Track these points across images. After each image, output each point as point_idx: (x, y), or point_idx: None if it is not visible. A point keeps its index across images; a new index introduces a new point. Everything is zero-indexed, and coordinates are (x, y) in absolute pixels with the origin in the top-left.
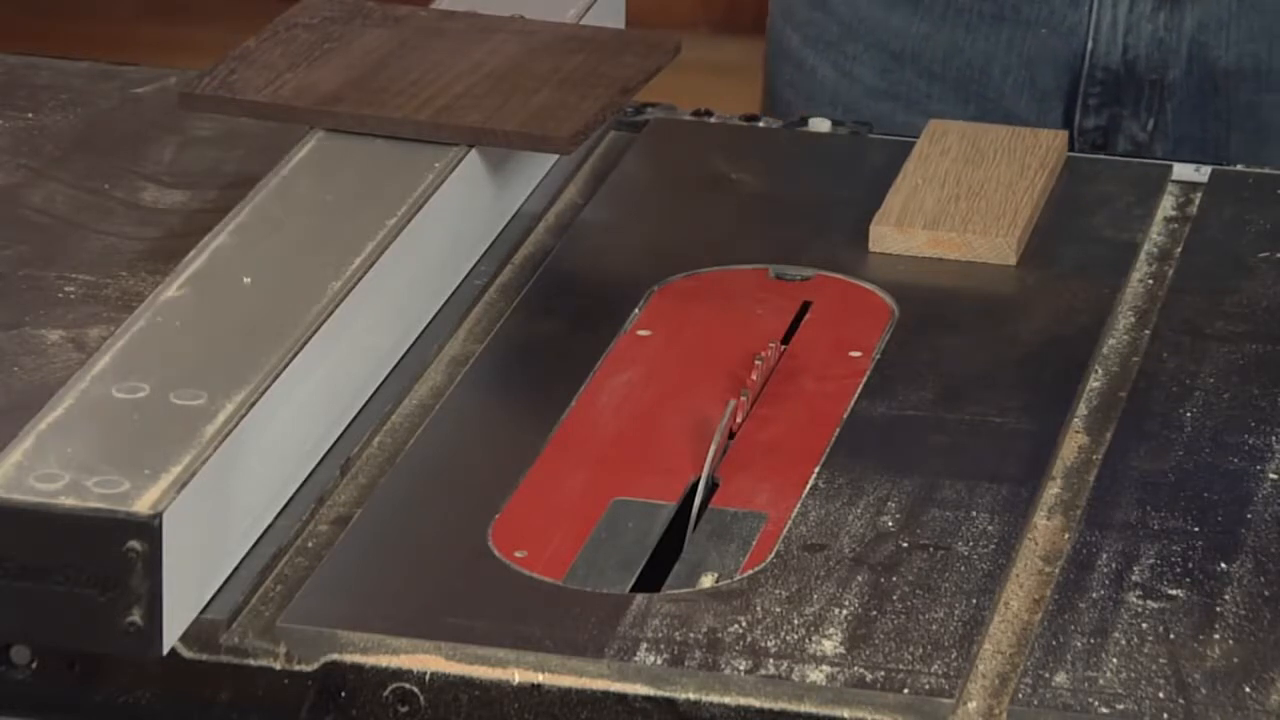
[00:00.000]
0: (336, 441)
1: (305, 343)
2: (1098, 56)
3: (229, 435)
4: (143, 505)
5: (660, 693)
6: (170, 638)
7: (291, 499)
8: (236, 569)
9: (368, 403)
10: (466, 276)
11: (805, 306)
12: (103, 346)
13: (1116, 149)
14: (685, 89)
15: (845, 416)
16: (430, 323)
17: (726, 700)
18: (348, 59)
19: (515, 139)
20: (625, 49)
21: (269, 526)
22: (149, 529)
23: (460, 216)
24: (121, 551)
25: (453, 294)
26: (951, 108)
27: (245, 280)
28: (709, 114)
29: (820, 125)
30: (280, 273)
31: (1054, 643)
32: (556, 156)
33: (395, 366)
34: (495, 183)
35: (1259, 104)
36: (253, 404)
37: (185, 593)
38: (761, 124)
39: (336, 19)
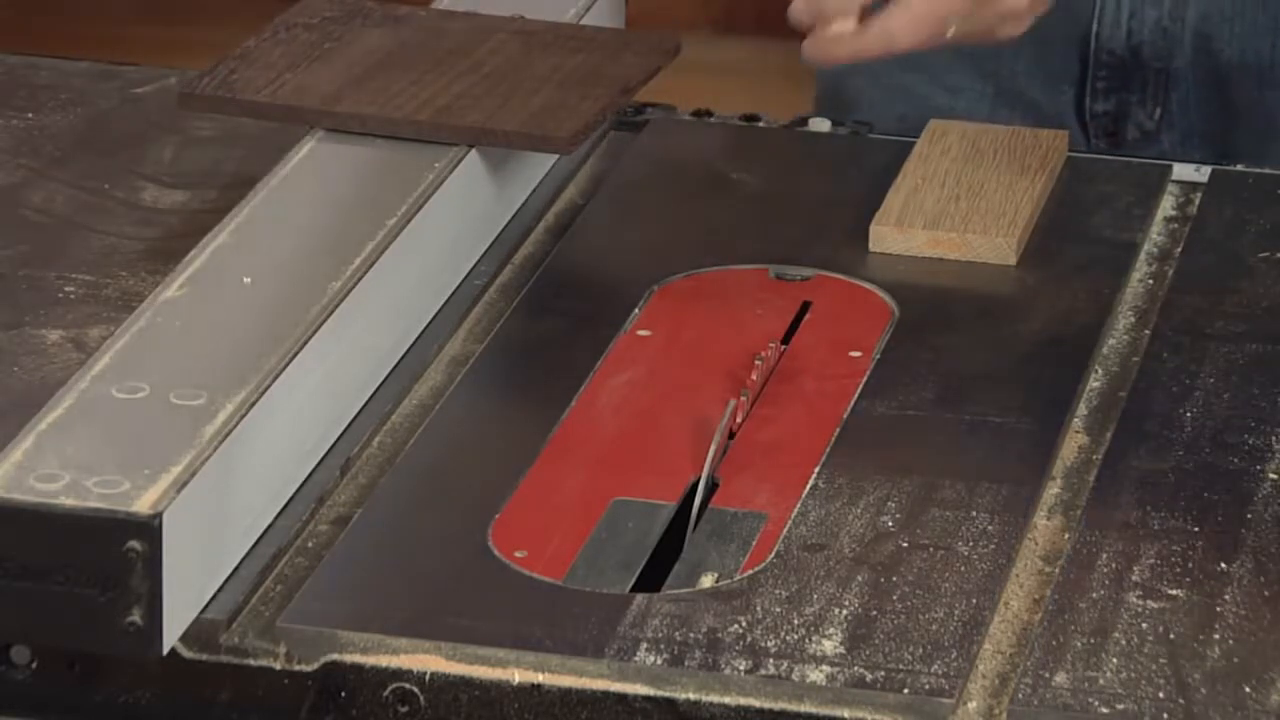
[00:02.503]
0: (336, 441)
1: (305, 343)
2: (1103, 40)
3: (229, 435)
4: (143, 505)
5: (660, 693)
6: (170, 638)
7: (291, 499)
8: (236, 569)
9: (368, 403)
10: (466, 276)
11: (805, 306)
12: (103, 346)
13: (1125, 137)
14: (685, 89)
15: (845, 416)
16: (430, 323)
17: (726, 700)
18: (348, 59)
19: (515, 139)
20: (625, 49)
21: (269, 526)
22: (149, 529)
23: (460, 216)
24: (121, 551)
25: (453, 294)
26: (972, 84)
27: (245, 280)
28: (709, 114)
29: (820, 125)
30: (280, 273)
31: (1054, 643)
32: (556, 156)
33: (395, 366)
34: (495, 183)
35: (1262, 100)
36: (253, 404)
37: (185, 593)
38: (761, 124)
39: (336, 19)
